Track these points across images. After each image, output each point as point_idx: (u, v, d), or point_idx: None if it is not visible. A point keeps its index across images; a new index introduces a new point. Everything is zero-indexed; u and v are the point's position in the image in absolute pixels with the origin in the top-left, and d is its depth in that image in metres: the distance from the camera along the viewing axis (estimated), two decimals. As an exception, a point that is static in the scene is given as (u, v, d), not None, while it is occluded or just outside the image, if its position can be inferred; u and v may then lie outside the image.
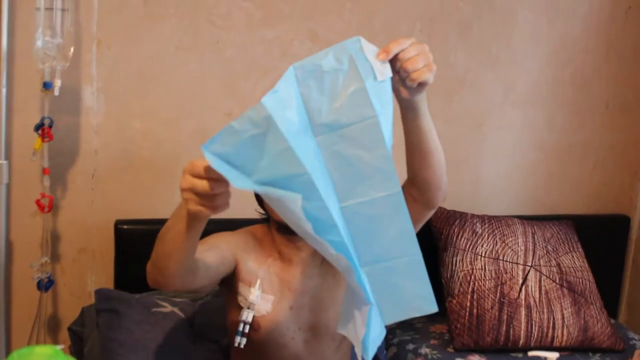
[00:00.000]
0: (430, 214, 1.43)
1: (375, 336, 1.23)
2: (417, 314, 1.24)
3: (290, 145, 1.01)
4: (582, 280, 2.01)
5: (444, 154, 1.32)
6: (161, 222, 1.23)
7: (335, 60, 1.11)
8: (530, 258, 1.99)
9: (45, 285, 1.92)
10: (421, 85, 1.16)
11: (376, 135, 1.11)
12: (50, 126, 1.83)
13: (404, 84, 1.15)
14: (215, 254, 1.37)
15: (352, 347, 1.49)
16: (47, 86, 1.78)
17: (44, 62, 1.74)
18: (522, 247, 2.01)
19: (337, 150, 1.13)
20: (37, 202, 1.86)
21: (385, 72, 1.11)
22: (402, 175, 1.24)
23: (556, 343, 1.89)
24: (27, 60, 1.81)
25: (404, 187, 1.38)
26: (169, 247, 1.20)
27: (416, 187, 1.36)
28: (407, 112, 1.24)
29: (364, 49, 1.09)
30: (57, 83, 1.77)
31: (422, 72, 1.13)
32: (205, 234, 1.23)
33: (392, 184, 1.14)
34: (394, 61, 1.13)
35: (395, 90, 1.16)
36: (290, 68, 1.12)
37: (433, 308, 1.23)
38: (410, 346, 1.89)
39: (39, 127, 1.82)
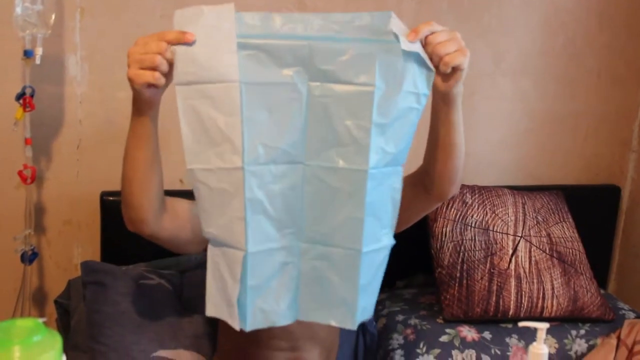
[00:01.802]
0: (437, 205, 1.41)
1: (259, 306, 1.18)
2: (333, 323, 1.19)
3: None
4: (572, 251, 2.00)
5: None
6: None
7: (362, 20, 1.10)
8: (521, 228, 1.99)
9: (29, 257, 1.89)
10: (455, 70, 1.13)
11: (366, 105, 1.09)
12: (31, 95, 1.79)
13: (438, 72, 1.13)
14: (192, 205, 1.33)
15: None
16: (28, 54, 1.73)
17: (24, 29, 1.69)
18: (512, 218, 2.00)
19: (324, 103, 1.11)
20: (20, 173, 1.83)
21: (413, 47, 1.09)
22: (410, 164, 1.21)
23: (546, 313, 1.89)
24: (6, 27, 1.76)
25: (415, 175, 1.37)
26: (128, 171, 1.20)
27: (430, 177, 1.33)
28: (443, 105, 1.21)
29: (392, 25, 1.08)
30: (39, 51, 1.73)
31: (455, 55, 1.12)
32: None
33: (362, 159, 1.11)
34: (425, 48, 1.12)
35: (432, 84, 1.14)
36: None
37: (351, 324, 1.18)
38: (400, 317, 1.88)
39: (20, 96, 1.78)
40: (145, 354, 1.59)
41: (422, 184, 1.36)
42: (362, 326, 1.79)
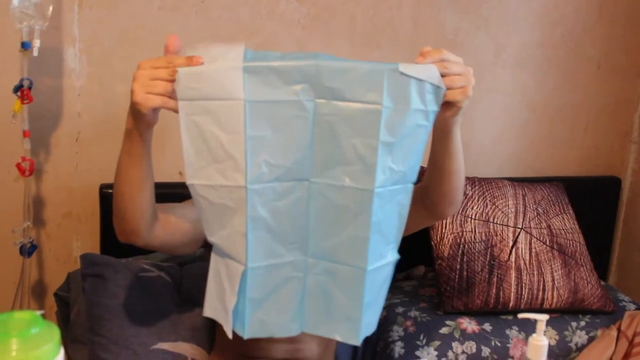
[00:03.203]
0: (433, 222, 1.42)
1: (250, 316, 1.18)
2: (338, 338, 1.19)
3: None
4: (573, 243, 2.00)
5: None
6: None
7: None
8: (521, 220, 1.98)
9: (28, 250, 1.89)
10: (452, 105, 1.13)
11: (373, 124, 1.07)
12: (29, 87, 1.78)
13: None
14: (182, 210, 1.35)
15: None
16: (25, 46, 1.72)
17: (21, 21, 1.68)
18: (513, 209, 2.00)
19: (330, 121, 1.09)
20: (18, 165, 1.83)
21: (410, 70, 1.08)
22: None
23: (546, 305, 1.89)
24: (3, 19, 1.75)
25: (416, 191, 1.37)
26: (121, 186, 1.20)
27: (429, 198, 1.34)
28: (440, 133, 1.22)
29: (400, 67, 1.07)
30: (36, 43, 1.72)
31: (455, 92, 1.11)
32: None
33: (368, 179, 1.09)
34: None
35: None
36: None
37: (355, 340, 1.17)
38: (400, 309, 1.88)
39: (18, 88, 1.77)
40: (145, 347, 1.59)
41: (422, 200, 1.37)
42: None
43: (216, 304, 1.17)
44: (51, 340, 0.81)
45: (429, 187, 1.35)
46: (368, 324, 1.19)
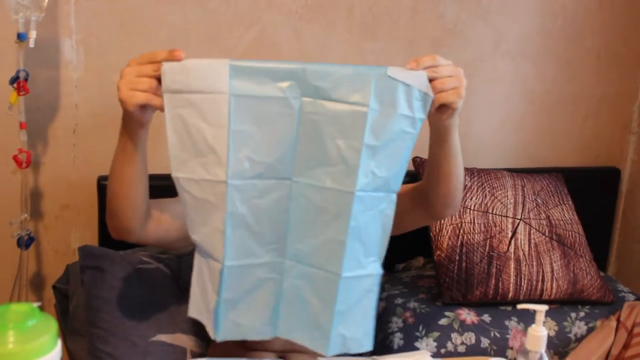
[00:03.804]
0: (431, 222, 1.43)
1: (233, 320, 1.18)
2: (307, 344, 1.17)
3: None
4: (572, 233, 2.00)
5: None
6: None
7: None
8: (520, 211, 1.98)
9: (26, 242, 1.88)
10: (447, 107, 1.13)
11: (358, 126, 1.06)
12: (26, 79, 1.77)
13: (432, 104, 1.12)
14: (177, 207, 1.33)
15: None
16: (21, 37, 1.72)
17: (17, 12, 1.67)
18: (512, 200, 1.99)
19: (315, 120, 1.09)
20: (15, 157, 1.82)
21: (398, 74, 1.07)
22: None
23: (545, 296, 1.89)
24: (-1, 10, 1.75)
25: (415, 189, 1.38)
26: (115, 184, 1.21)
27: (427, 198, 1.35)
28: (437, 137, 1.22)
29: (389, 72, 1.07)
30: (32, 34, 1.71)
31: (448, 94, 1.11)
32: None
33: (349, 181, 1.09)
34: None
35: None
36: None
37: (323, 350, 1.16)
38: (399, 300, 1.88)
39: (14, 80, 1.77)
40: (144, 338, 1.59)
41: (420, 200, 1.38)
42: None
43: (200, 304, 1.17)
44: (48, 332, 0.80)
45: (426, 187, 1.35)
46: (344, 337, 1.17)
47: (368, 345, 1.19)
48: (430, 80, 1.11)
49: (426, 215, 1.41)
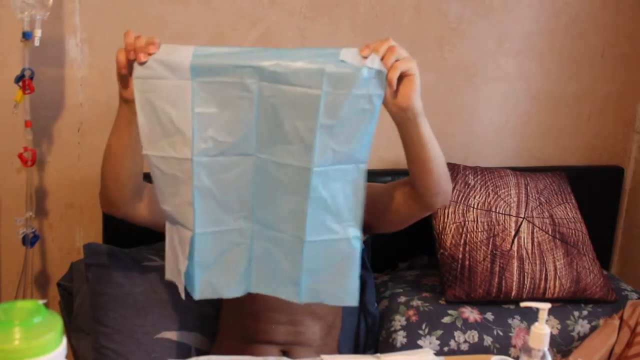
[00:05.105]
0: (426, 214, 1.45)
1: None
2: (282, 296, 1.28)
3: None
4: (575, 232, 2.00)
5: (437, 103, 1.31)
6: (148, 175, 1.26)
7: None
8: (523, 209, 1.98)
9: (31, 240, 1.89)
10: (406, 76, 1.16)
11: (312, 107, 1.14)
12: (31, 78, 1.78)
13: (393, 88, 1.16)
14: None
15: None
16: (26, 36, 1.72)
17: (22, 11, 1.68)
18: (515, 199, 1.99)
19: (274, 103, 1.16)
20: (20, 155, 1.83)
21: (349, 57, 1.14)
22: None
23: (548, 294, 1.89)
24: (5, 9, 1.75)
25: (405, 185, 1.40)
26: (104, 153, 1.34)
27: (415, 190, 1.36)
28: (408, 124, 1.24)
29: (342, 55, 1.14)
30: (37, 33, 1.71)
31: (402, 61, 1.14)
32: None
33: (307, 158, 1.16)
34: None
35: (386, 104, 1.18)
36: None
37: (297, 298, 1.26)
38: (402, 299, 1.88)
39: (20, 78, 1.77)
40: (148, 336, 1.60)
41: (409, 194, 1.40)
42: (363, 307, 1.79)
43: (172, 268, 1.28)
44: (54, 329, 0.81)
45: (412, 179, 1.36)
46: (319, 291, 1.26)
47: (350, 301, 1.27)
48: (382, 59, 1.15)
49: (419, 208, 1.41)
